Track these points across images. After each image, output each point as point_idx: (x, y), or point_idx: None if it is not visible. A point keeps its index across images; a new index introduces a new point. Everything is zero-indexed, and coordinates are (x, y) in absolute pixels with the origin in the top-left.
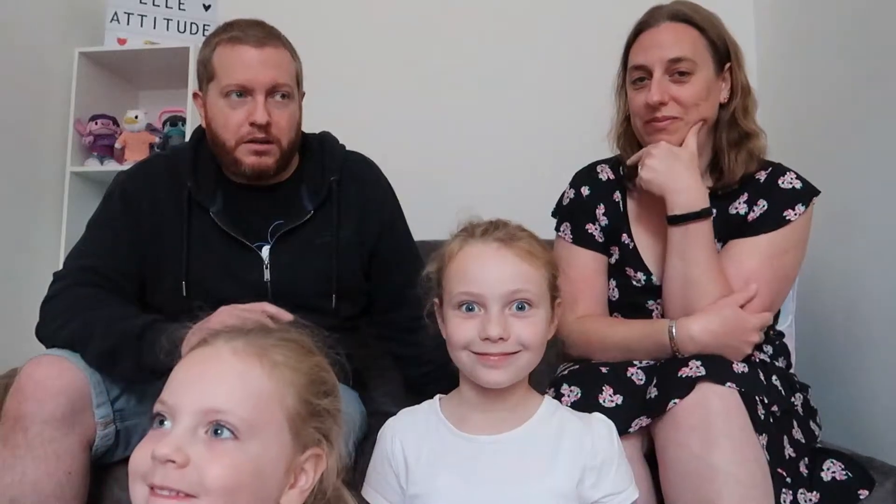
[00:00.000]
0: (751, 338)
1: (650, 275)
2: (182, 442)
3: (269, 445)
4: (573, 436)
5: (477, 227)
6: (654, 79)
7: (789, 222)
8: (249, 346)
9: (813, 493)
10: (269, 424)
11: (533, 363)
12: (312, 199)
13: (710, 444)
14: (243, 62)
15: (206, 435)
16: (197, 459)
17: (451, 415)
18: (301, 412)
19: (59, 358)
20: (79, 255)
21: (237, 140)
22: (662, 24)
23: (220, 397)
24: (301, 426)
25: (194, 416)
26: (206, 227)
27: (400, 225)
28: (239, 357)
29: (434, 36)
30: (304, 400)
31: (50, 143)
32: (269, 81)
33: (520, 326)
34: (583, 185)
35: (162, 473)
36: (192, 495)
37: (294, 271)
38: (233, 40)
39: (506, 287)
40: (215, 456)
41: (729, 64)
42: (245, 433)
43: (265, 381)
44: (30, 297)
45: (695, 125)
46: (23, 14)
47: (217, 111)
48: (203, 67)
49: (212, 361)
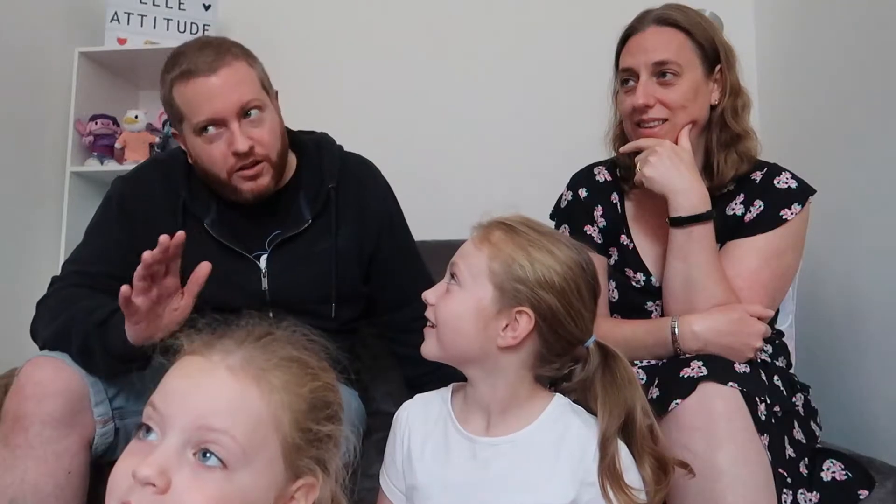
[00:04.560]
0: (754, 342)
1: (649, 276)
2: (167, 463)
3: (259, 475)
4: (575, 445)
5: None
6: (640, 82)
7: (786, 222)
8: (248, 364)
9: (813, 494)
10: (263, 452)
11: (451, 342)
12: (310, 207)
13: (713, 444)
14: (204, 95)
15: (195, 458)
16: (179, 486)
17: (457, 409)
18: (298, 441)
19: (56, 359)
20: (74, 261)
21: (228, 171)
22: (648, 29)
23: (216, 417)
24: (296, 455)
25: (185, 432)
26: (201, 237)
27: (399, 225)
28: (236, 377)
29: (433, 36)
30: (302, 428)
31: (50, 143)
32: (236, 105)
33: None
34: (580, 187)
35: (139, 496)
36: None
37: (292, 279)
38: (185, 75)
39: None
40: (200, 485)
41: (719, 66)
42: (234, 462)
43: (262, 406)
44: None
45: (685, 127)
46: (23, 14)
47: (199, 150)
48: (169, 108)
49: (207, 377)
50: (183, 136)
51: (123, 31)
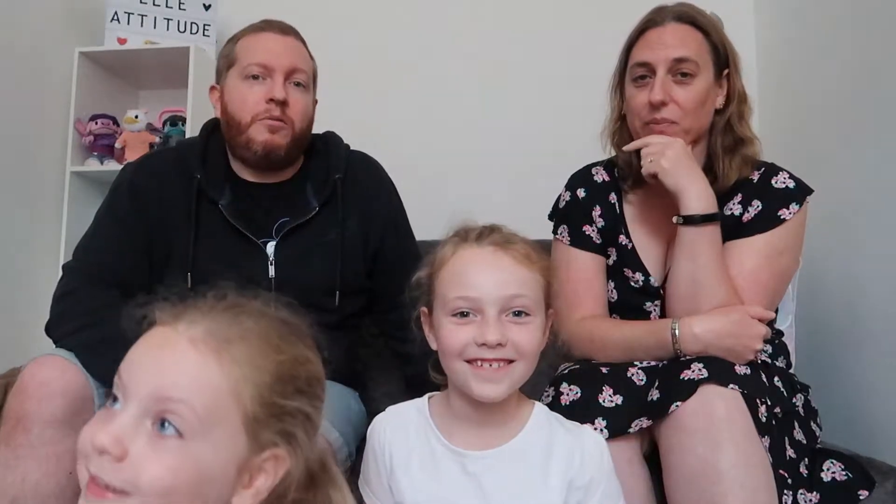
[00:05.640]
0: (755, 344)
1: (648, 276)
2: (124, 432)
3: (218, 447)
4: (563, 450)
5: (471, 232)
6: (657, 77)
7: (784, 221)
8: (210, 336)
9: (813, 494)
10: (222, 424)
11: (526, 375)
12: (317, 196)
13: (714, 447)
14: (266, 45)
15: (152, 428)
16: (136, 454)
17: (440, 422)
18: (260, 414)
19: (60, 359)
20: (89, 250)
21: (253, 116)
22: (669, 24)
23: (174, 387)
24: (259, 428)
25: (143, 401)
26: (213, 219)
27: (403, 224)
28: (197, 349)
29: (434, 36)
30: (266, 402)
31: (50, 143)
32: (288, 64)
33: (517, 333)
34: (578, 188)
35: (97, 464)
36: (124, 492)
37: (299, 268)
38: (257, 29)
39: (503, 291)
40: (156, 454)
41: (727, 70)
42: (191, 432)
43: (221, 378)
44: (30, 297)
45: (687, 146)
46: (23, 14)
47: (236, 93)
48: (224, 60)
49: (168, 349)
50: (222, 86)
51: (123, 31)
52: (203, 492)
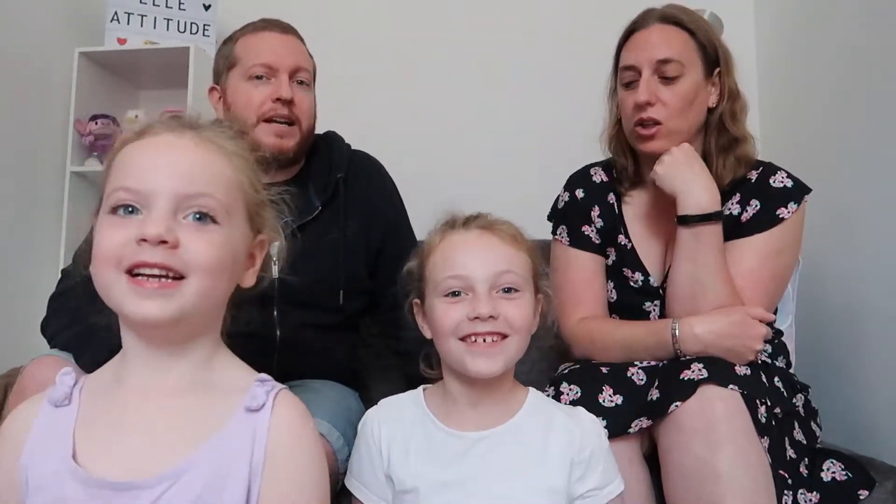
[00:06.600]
0: (755, 345)
1: (648, 276)
2: (169, 224)
3: (238, 231)
4: (561, 428)
5: (457, 219)
6: (642, 78)
7: (783, 220)
8: (204, 139)
9: (813, 494)
10: (237, 210)
11: (520, 352)
12: (320, 195)
13: (713, 447)
14: (269, 45)
15: (188, 220)
16: (185, 241)
17: (436, 409)
18: (254, 199)
19: (60, 359)
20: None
21: (259, 117)
22: (653, 26)
23: (199, 182)
24: (254, 212)
25: (172, 200)
26: None
27: (404, 224)
28: (206, 148)
29: (433, 36)
30: (257, 189)
31: (50, 143)
32: (292, 64)
33: (508, 307)
34: (577, 188)
35: (151, 253)
36: (179, 277)
37: (302, 268)
38: (257, 29)
39: (493, 268)
40: (203, 240)
41: (718, 69)
42: (223, 218)
43: (229, 170)
44: (30, 297)
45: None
46: (23, 14)
47: (240, 94)
48: (224, 60)
49: (178, 150)
50: (223, 87)
51: (123, 31)
52: (234, 270)
